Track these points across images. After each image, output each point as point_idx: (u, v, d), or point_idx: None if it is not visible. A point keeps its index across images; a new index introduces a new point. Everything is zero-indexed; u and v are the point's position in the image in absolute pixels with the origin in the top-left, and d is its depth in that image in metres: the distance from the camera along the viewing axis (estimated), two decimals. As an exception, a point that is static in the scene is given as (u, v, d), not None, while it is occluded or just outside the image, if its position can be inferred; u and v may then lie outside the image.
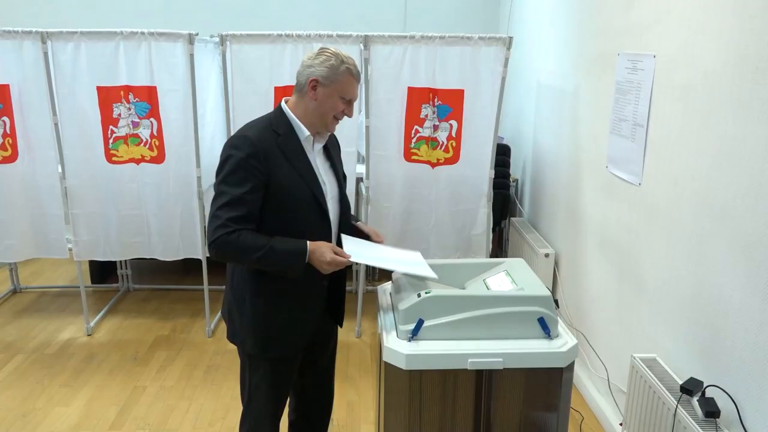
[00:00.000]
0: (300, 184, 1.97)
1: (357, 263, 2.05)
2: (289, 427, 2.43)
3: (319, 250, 1.92)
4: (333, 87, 1.96)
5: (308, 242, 1.93)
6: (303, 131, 2.00)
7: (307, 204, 1.99)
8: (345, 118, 2.05)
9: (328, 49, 1.99)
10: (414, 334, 1.90)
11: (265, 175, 1.90)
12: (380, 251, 2.15)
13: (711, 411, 2.05)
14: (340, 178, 2.17)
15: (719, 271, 2.13)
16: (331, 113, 2.00)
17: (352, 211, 2.36)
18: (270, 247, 1.89)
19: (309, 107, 1.99)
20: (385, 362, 1.90)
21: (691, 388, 2.15)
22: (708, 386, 2.14)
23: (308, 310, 2.10)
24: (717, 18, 2.14)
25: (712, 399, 2.10)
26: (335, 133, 2.20)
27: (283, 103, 2.04)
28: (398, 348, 1.87)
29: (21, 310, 4.39)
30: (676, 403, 2.17)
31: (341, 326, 2.30)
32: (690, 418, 2.09)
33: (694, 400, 2.14)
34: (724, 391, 2.07)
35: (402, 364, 1.86)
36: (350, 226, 2.20)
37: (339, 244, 2.06)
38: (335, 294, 2.20)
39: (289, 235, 1.94)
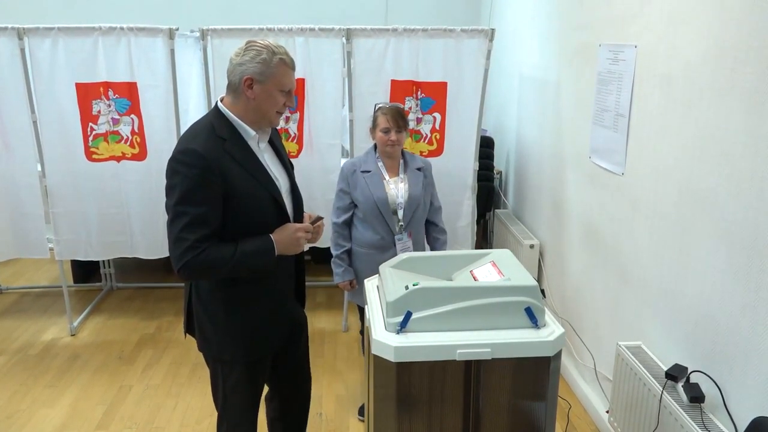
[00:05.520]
0: (256, 187, 1.91)
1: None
2: (269, 424, 2.40)
3: (284, 232, 1.95)
4: (270, 82, 1.87)
5: (270, 235, 1.93)
6: (248, 132, 1.92)
7: (266, 205, 1.94)
8: (297, 111, 2.01)
9: (256, 41, 1.90)
10: (402, 326, 1.90)
11: (221, 186, 1.83)
12: None
13: (695, 396, 2.09)
14: (289, 169, 2.13)
15: (701, 258, 2.16)
16: (273, 109, 1.92)
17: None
18: (240, 253, 1.86)
19: (249, 106, 1.90)
20: (374, 355, 1.90)
21: (675, 374, 2.18)
22: (692, 372, 2.17)
23: (283, 305, 2.10)
24: (696, 9, 2.16)
25: (696, 384, 2.13)
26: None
27: (220, 104, 1.93)
28: (387, 340, 1.87)
29: (3, 311, 4.32)
30: (661, 389, 2.20)
31: (303, 306, 2.28)
32: (675, 404, 2.12)
33: (679, 385, 2.17)
34: (708, 376, 2.10)
35: (391, 357, 1.86)
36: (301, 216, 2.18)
37: None
38: (298, 277, 2.20)
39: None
